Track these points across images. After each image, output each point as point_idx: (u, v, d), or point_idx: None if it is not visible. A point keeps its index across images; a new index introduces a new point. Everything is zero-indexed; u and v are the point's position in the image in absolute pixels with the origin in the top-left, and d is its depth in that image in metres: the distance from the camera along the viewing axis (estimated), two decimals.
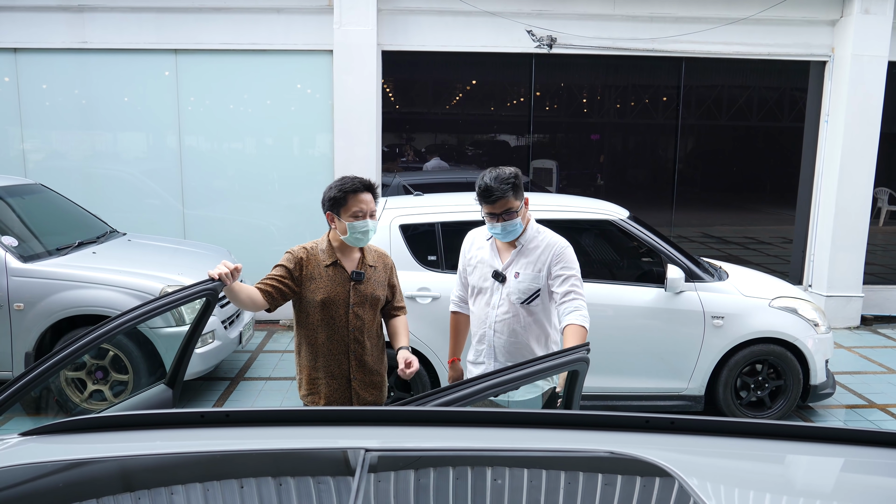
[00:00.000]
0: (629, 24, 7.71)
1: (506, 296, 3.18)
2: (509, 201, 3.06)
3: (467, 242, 3.44)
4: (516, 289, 3.17)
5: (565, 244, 3.19)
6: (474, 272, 3.31)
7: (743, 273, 5.70)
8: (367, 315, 3.10)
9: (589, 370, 2.12)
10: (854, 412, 5.67)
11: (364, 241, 3.07)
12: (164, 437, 1.58)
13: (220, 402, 5.63)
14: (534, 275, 3.16)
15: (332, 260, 3.06)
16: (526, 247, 3.19)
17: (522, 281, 3.16)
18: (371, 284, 3.11)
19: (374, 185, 3.12)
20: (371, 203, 3.06)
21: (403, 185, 7.64)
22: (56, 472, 1.50)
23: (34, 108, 7.69)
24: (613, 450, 1.44)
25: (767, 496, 1.34)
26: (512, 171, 3.09)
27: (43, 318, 5.10)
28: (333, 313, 3.05)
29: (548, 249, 3.16)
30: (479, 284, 3.27)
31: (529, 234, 3.20)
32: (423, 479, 1.36)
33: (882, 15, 7.57)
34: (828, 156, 8.02)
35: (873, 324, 8.18)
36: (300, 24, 7.54)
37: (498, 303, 3.19)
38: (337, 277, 3.05)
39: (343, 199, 3.01)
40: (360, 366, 3.10)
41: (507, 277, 3.18)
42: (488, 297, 3.23)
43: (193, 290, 2.62)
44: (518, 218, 3.11)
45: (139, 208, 7.85)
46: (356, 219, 3.00)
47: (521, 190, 3.12)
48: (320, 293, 3.03)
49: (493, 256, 3.25)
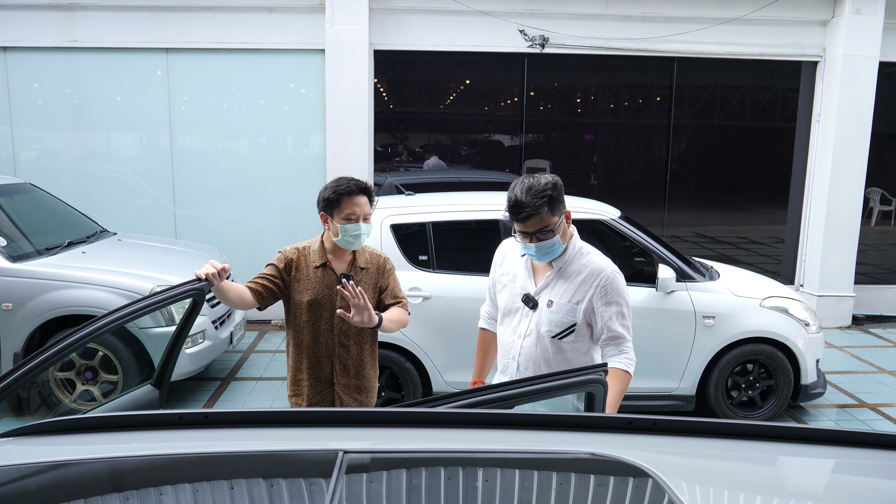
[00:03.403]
0: (621, 24, 7.71)
1: (535, 325, 2.71)
2: (544, 218, 2.54)
3: (499, 254, 2.96)
4: (548, 319, 2.69)
5: (614, 271, 2.67)
6: (504, 290, 2.85)
7: (734, 273, 5.71)
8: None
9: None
10: (845, 412, 5.68)
11: (356, 244, 3.01)
12: (144, 439, 1.56)
13: (210, 403, 5.61)
14: (570, 306, 2.66)
15: (321, 261, 3.02)
16: (565, 270, 2.69)
17: (556, 312, 2.68)
18: (361, 287, 2.97)
19: (370, 189, 3.03)
20: (365, 206, 2.98)
21: (395, 185, 7.63)
22: (36, 473, 1.49)
23: (25, 108, 7.65)
24: (594, 451, 1.43)
25: (747, 497, 1.34)
26: (549, 181, 2.56)
27: (32, 319, 5.07)
28: (319, 315, 3.00)
29: (592, 277, 2.65)
30: (509, 306, 2.82)
31: (570, 254, 2.69)
32: (400, 480, 1.35)
33: (873, 15, 7.59)
34: (819, 156, 8.04)
35: (864, 323, 8.21)
36: (292, 23, 7.52)
37: (525, 331, 2.74)
38: (325, 279, 3.01)
39: (337, 201, 2.96)
40: (344, 370, 3.05)
41: (538, 304, 2.71)
42: (516, 322, 2.78)
43: (180, 289, 2.60)
44: (556, 237, 2.59)
45: (130, 208, 7.82)
46: (348, 221, 2.95)
47: (561, 203, 2.61)
48: (307, 294, 2.99)
49: (527, 276, 2.77)
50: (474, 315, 5.08)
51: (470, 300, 4.95)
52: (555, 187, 2.57)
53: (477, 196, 5.94)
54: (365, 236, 3.00)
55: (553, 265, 2.70)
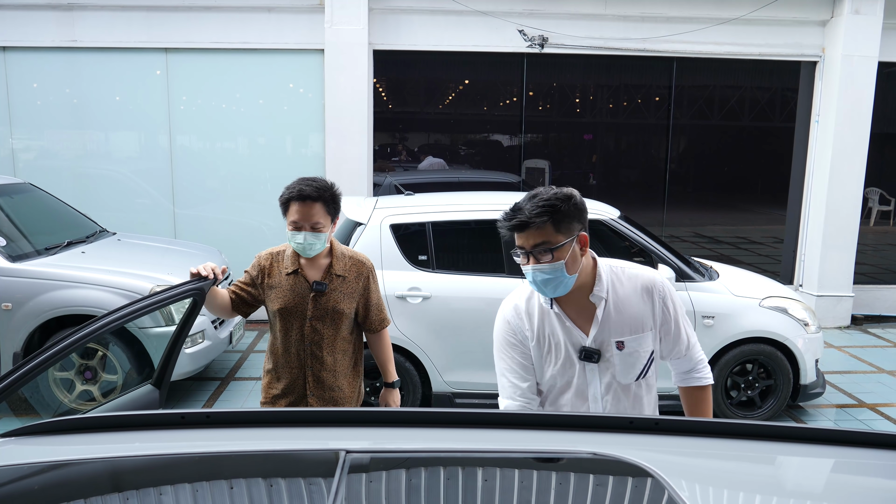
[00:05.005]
0: (620, 24, 7.71)
1: (610, 379, 2.21)
2: (543, 232, 2.06)
3: (508, 314, 2.27)
4: (626, 363, 2.20)
5: (655, 275, 2.26)
6: (548, 359, 2.22)
7: (733, 273, 5.71)
8: (328, 330, 2.85)
9: None
10: (844, 412, 5.69)
11: (307, 253, 2.77)
12: (146, 439, 1.57)
13: (210, 403, 5.61)
14: (642, 337, 2.20)
15: (293, 268, 2.83)
16: (611, 300, 2.19)
17: (632, 350, 2.19)
18: (335, 297, 2.83)
19: (326, 194, 2.73)
20: (314, 215, 2.69)
21: (395, 185, 7.63)
22: (36, 473, 1.49)
23: (24, 108, 7.65)
24: (596, 451, 1.43)
25: (748, 496, 1.34)
26: (561, 192, 2.10)
27: (31, 318, 5.06)
28: (290, 325, 2.83)
29: (648, 294, 2.21)
30: (560, 376, 2.22)
31: (606, 281, 2.18)
32: (402, 480, 1.35)
33: (872, 15, 7.60)
34: (818, 156, 8.04)
35: (863, 323, 8.21)
36: (291, 23, 7.52)
37: (601, 393, 2.22)
38: (297, 287, 2.82)
39: (286, 206, 2.75)
40: (318, 382, 2.87)
41: (602, 353, 2.19)
42: (582, 389, 2.22)
43: (180, 289, 2.60)
44: (560, 262, 2.06)
45: (130, 208, 7.82)
46: (294, 229, 2.73)
47: (573, 221, 2.10)
48: (278, 302, 2.82)
49: (568, 327, 2.19)
50: (474, 315, 5.11)
51: (469, 300, 4.96)
52: (567, 200, 2.09)
53: (476, 196, 5.94)
54: (316, 247, 2.75)
55: (593, 300, 2.17)
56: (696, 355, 2.34)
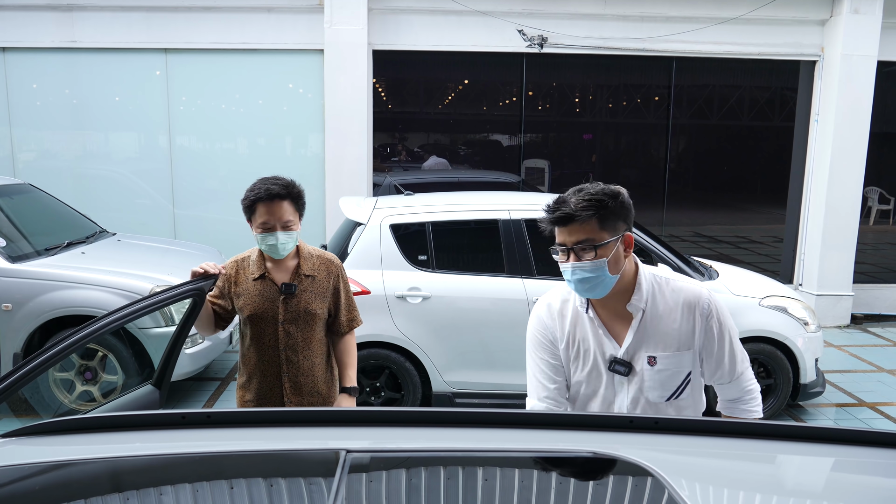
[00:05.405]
0: (620, 24, 7.72)
1: (637, 393, 2.08)
2: (587, 227, 1.97)
3: (541, 314, 2.19)
4: (657, 381, 2.07)
5: (701, 291, 2.10)
6: (575, 364, 2.14)
7: (733, 272, 5.71)
8: (301, 332, 2.80)
9: None
10: (844, 411, 5.69)
11: (278, 254, 2.74)
12: (146, 439, 1.57)
13: (209, 403, 5.61)
14: (678, 357, 2.06)
15: (260, 272, 2.79)
16: (652, 310, 2.07)
17: (664, 368, 2.06)
18: (305, 297, 2.79)
19: (292, 191, 2.73)
20: (284, 213, 2.68)
21: (395, 185, 7.63)
22: (37, 473, 1.49)
23: (24, 108, 7.65)
24: (596, 450, 1.44)
25: (748, 495, 1.34)
26: (608, 189, 2.01)
27: (31, 319, 5.06)
28: (262, 331, 2.78)
29: (690, 310, 2.06)
30: (587, 384, 2.14)
31: (646, 290, 2.06)
32: (402, 479, 1.36)
33: (871, 14, 7.60)
34: (818, 155, 8.04)
35: (863, 322, 8.21)
36: (291, 24, 7.52)
37: (627, 407, 2.10)
38: (265, 291, 2.77)
39: (251, 208, 2.72)
40: (295, 388, 2.81)
41: (633, 366, 2.08)
42: (608, 400, 2.12)
43: (180, 289, 2.60)
44: (600, 261, 1.97)
45: (129, 208, 7.82)
46: (265, 230, 2.69)
47: (619, 220, 2.01)
48: (248, 309, 2.78)
49: (600, 334, 2.10)
50: (474, 315, 5.11)
51: (469, 300, 4.96)
52: (614, 197, 1.99)
53: (476, 196, 5.94)
54: (288, 245, 2.73)
55: (630, 309, 2.06)
56: (744, 384, 2.15)
